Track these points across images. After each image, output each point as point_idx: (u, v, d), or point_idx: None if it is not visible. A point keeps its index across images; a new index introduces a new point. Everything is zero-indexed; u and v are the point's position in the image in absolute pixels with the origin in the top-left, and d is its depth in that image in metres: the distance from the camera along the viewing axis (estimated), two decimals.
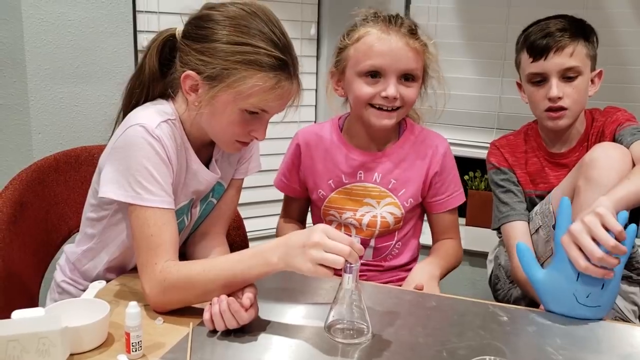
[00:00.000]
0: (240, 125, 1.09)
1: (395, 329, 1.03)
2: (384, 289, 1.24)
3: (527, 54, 1.45)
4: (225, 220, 1.31)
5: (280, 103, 1.10)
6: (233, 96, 1.05)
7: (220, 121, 1.09)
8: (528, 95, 1.50)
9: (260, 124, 1.11)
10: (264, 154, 2.17)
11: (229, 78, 1.04)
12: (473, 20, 2.22)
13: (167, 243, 1.05)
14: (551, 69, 1.41)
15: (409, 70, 1.32)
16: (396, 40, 1.30)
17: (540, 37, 1.43)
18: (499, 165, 1.55)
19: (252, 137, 1.13)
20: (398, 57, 1.30)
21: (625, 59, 2.04)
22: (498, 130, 2.21)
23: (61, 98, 1.79)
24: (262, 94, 1.05)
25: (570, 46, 1.40)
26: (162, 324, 1.01)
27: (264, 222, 2.32)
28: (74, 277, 1.26)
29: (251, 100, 1.05)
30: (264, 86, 1.04)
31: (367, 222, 1.43)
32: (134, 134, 1.05)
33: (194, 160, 1.16)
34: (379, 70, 1.31)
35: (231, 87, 1.05)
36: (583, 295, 1.08)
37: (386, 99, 1.31)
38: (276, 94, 1.06)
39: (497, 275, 1.60)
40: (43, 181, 1.35)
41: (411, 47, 1.31)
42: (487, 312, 1.11)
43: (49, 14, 1.73)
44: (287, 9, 2.21)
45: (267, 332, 1.00)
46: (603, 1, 2.04)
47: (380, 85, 1.31)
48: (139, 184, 1.04)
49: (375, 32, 1.31)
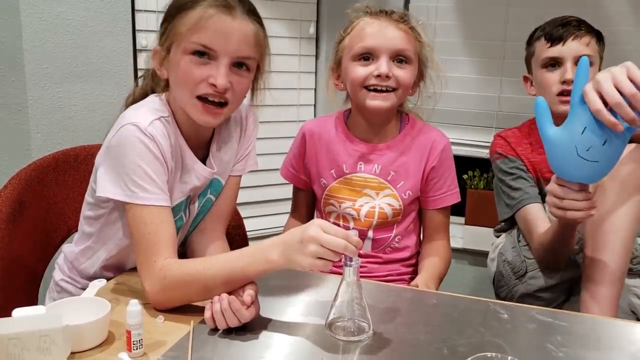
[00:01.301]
0: (191, 70, 1.07)
1: (396, 327, 1.03)
2: (383, 286, 1.24)
3: (545, 40, 1.51)
4: (224, 218, 1.31)
5: (220, 37, 1.06)
6: (177, 43, 1.08)
7: (178, 79, 1.09)
8: (540, 80, 1.52)
9: (215, 69, 1.07)
10: (263, 153, 2.20)
11: (172, 32, 1.08)
12: (472, 19, 2.23)
13: (166, 240, 1.05)
14: (568, 54, 1.46)
15: (401, 51, 1.35)
16: (386, 23, 1.36)
17: (559, 24, 1.50)
18: (506, 154, 1.57)
19: (212, 85, 1.07)
20: (388, 37, 1.34)
21: (623, 57, 2.03)
22: (497, 129, 2.21)
23: (60, 97, 1.79)
24: (194, 26, 1.05)
25: (587, 37, 1.48)
26: (163, 322, 1.01)
27: (264, 222, 2.32)
28: (72, 276, 1.26)
29: (188, 36, 1.06)
30: (195, 19, 1.05)
31: (365, 213, 1.44)
32: (127, 133, 1.05)
33: (189, 157, 1.16)
34: (371, 52, 1.35)
35: (175, 38, 1.08)
36: (584, 148, 1.07)
37: (379, 78, 1.34)
38: (209, 23, 1.05)
39: (501, 272, 1.60)
40: (42, 180, 1.35)
41: (401, 29, 1.36)
42: (488, 309, 1.11)
43: (48, 13, 1.73)
44: (286, 8, 2.21)
45: (268, 330, 1.00)
46: (602, 0, 2.05)
47: (373, 66, 1.35)
48: (134, 183, 1.04)
49: (366, 19, 1.38)
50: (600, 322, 1.10)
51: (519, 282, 1.56)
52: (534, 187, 1.53)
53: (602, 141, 1.06)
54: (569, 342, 0.99)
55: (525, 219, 1.49)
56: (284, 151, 2.16)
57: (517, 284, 1.56)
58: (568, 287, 1.48)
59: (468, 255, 2.33)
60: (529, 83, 1.60)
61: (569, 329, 1.04)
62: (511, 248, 1.57)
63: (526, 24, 1.60)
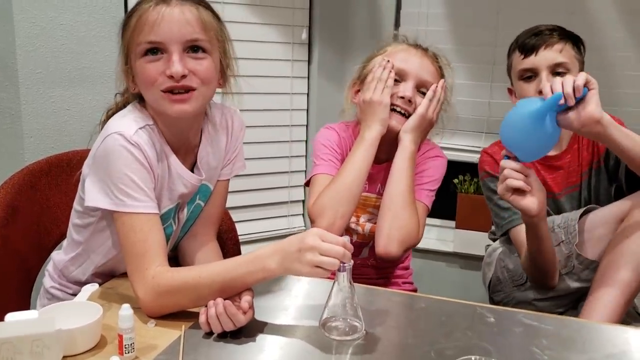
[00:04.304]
0: (150, 70, 1.07)
1: (386, 329, 1.05)
2: (374, 290, 1.26)
3: (519, 52, 1.51)
4: (214, 222, 1.32)
5: (161, 27, 1.06)
6: (132, 52, 1.09)
7: (142, 83, 1.10)
8: (519, 92, 1.53)
9: (167, 60, 1.07)
10: (256, 157, 2.21)
11: (124, 43, 1.10)
12: (462, 25, 2.25)
13: (156, 248, 1.06)
14: (541, 64, 1.46)
15: (427, 83, 1.41)
16: (422, 54, 1.43)
17: (530, 35, 1.50)
18: (493, 173, 1.56)
19: (169, 77, 1.07)
20: (421, 65, 1.41)
21: (612, 63, 2.07)
22: (487, 134, 2.24)
23: (53, 102, 1.80)
24: (140, 29, 1.06)
25: (560, 44, 1.47)
26: (155, 326, 1.02)
27: (255, 225, 2.33)
28: (63, 282, 1.27)
29: (137, 40, 1.07)
30: (136, 21, 1.07)
31: (370, 228, 1.47)
32: (113, 142, 1.05)
33: (175, 164, 1.17)
34: (400, 75, 1.40)
35: (129, 48, 1.09)
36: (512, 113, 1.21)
37: (402, 100, 1.39)
38: (146, 19, 1.06)
39: (499, 277, 1.60)
40: (35, 185, 1.36)
41: (433, 65, 1.43)
42: (475, 313, 1.13)
43: (41, 18, 1.74)
44: (279, 14, 2.23)
45: (262, 333, 1.01)
46: (589, 6, 2.07)
47: (399, 88, 1.40)
48: (122, 192, 1.05)
49: (403, 46, 1.45)
50: (585, 326, 1.12)
51: (517, 289, 1.57)
52: None
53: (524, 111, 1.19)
54: (554, 345, 1.01)
55: (515, 240, 1.50)
56: (277, 155, 2.19)
57: (514, 291, 1.57)
58: (567, 300, 1.49)
59: (459, 258, 2.35)
60: (513, 95, 1.60)
61: (555, 332, 1.06)
62: (514, 256, 1.57)
63: (516, 30, 1.60)
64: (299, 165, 2.40)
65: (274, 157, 2.33)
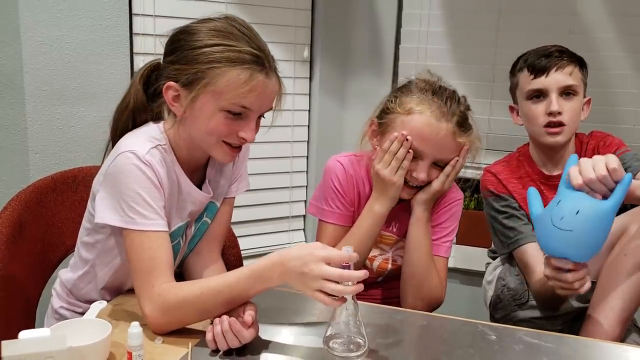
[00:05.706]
0: (224, 126, 1.10)
1: (388, 347, 1.06)
2: (377, 308, 1.27)
3: (528, 72, 1.51)
4: (219, 239, 1.33)
5: (259, 98, 1.09)
6: (211, 95, 1.07)
7: (203, 124, 1.10)
8: (526, 112, 1.53)
9: (246, 124, 1.11)
10: (258, 172, 2.23)
11: (204, 79, 1.07)
12: (462, 44, 2.28)
13: (163, 265, 1.07)
14: (552, 85, 1.47)
15: (445, 160, 1.36)
16: (445, 131, 1.31)
17: (541, 56, 1.50)
18: (498, 193, 1.57)
19: (241, 139, 1.12)
20: (440, 147, 1.33)
21: (609, 83, 2.10)
22: (487, 150, 2.26)
23: (58, 119, 1.82)
24: (237, 88, 1.06)
25: (570, 66, 1.48)
26: (162, 343, 1.03)
27: (256, 241, 2.34)
28: (72, 301, 1.28)
29: (228, 96, 1.06)
30: (237, 80, 1.06)
31: (379, 264, 1.48)
32: (125, 161, 1.07)
33: (185, 183, 1.18)
34: (416, 153, 1.33)
35: (207, 87, 1.07)
36: (557, 217, 1.11)
37: (415, 180, 1.36)
38: (251, 87, 1.06)
39: (499, 296, 1.59)
40: (41, 201, 1.37)
41: (456, 141, 1.34)
42: (477, 331, 1.14)
43: (48, 37, 1.77)
44: (281, 32, 2.26)
45: (267, 350, 1.03)
46: (587, 26, 2.10)
47: (415, 165, 1.35)
48: (133, 209, 1.06)
49: (427, 114, 1.31)
50: (586, 344, 1.13)
51: (518, 308, 1.56)
52: (527, 225, 1.52)
53: (574, 210, 1.10)
54: None
55: (522, 260, 1.51)
56: (278, 171, 2.20)
57: (516, 310, 1.56)
58: (567, 317, 1.50)
59: (460, 274, 2.36)
60: (515, 113, 1.61)
61: (555, 350, 1.07)
62: (515, 275, 1.57)
63: (515, 48, 1.62)
64: (300, 180, 2.42)
65: (276, 173, 2.35)
